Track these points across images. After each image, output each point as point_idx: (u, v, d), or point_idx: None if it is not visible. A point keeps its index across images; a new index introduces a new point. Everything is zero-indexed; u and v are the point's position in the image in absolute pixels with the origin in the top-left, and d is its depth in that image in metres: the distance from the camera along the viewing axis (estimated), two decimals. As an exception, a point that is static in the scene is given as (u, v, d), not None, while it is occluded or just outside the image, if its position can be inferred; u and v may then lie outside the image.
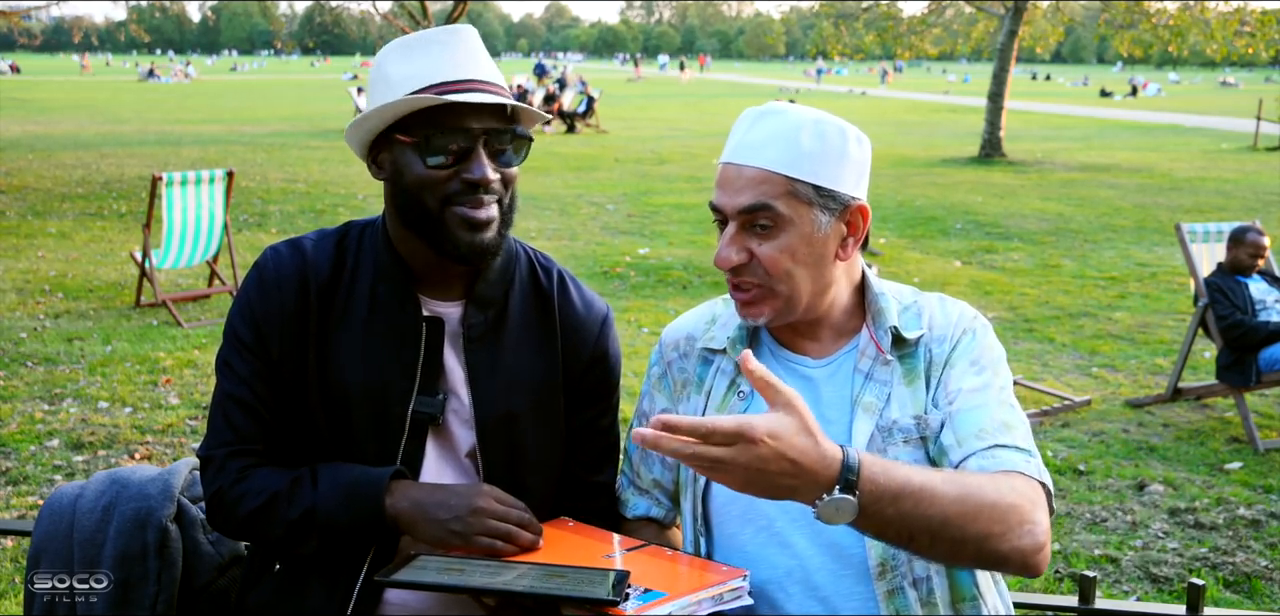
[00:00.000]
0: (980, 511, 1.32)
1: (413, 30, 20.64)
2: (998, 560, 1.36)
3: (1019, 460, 1.44)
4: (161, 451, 5.00)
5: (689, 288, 8.84)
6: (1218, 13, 21.03)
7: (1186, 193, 15.45)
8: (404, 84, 1.54)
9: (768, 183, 1.50)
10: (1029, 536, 1.36)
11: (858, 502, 1.24)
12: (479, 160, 1.53)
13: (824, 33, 27.44)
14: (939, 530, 1.30)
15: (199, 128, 25.34)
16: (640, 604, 1.31)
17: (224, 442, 1.59)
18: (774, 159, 1.50)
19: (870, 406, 1.53)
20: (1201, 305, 5.76)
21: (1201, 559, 4.07)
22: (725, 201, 1.53)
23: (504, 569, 1.43)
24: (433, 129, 1.52)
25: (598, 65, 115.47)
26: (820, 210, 1.52)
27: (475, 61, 1.57)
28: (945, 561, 1.43)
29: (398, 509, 1.54)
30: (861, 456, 1.25)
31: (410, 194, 1.55)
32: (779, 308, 1.54)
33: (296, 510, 1.54)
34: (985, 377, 1.53)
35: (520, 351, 1.68)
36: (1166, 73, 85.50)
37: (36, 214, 12.05)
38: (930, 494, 1.29)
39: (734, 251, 1.52)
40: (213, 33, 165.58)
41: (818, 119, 1.54)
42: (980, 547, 1.33)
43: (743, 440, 1.19)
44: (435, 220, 1.55)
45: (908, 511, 1.28)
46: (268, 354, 1.59)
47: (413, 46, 1.57)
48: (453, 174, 1.53)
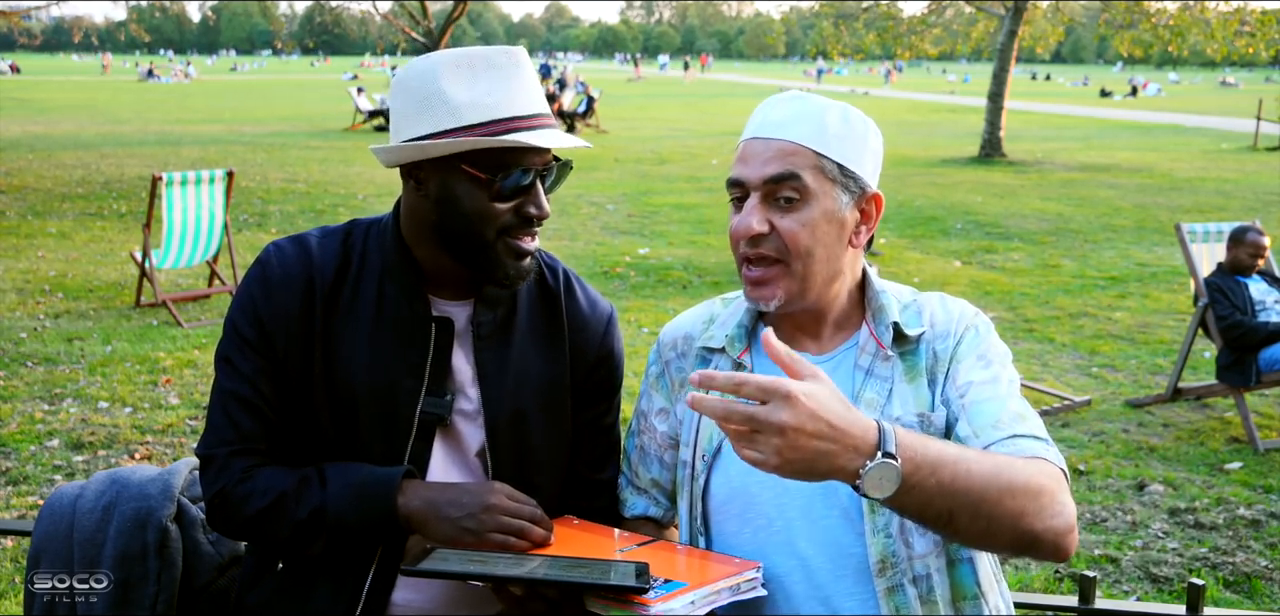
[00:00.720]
0: (1015, 488, 1.31)
1: (413, 31, 20.65)
2: (1031, 539, 1.34)
3: (1039, 448, 1.44)
4: (161, 451, 5.00)
5: (689, 287, 8.84)
6: (1218, 13, 21.04)
7: (1186, 193, 15.45)
8: (471, 111, 1.50)
9: (796, 154, 1.51)
10: (1061, 516, 1.35)
11: (901, 471, 1.21)
12: (537, 194, 1.55)
13: (824, 33, 27.45)
14: (978, 504, 1.28)
15: (199, 128, 25.34)
16: (663, 592, 1.32)
17: (226, 441, 1.57)
18: (802, 134, 1.52)
19: (872, 403, 1.53)
20: (1201, 305, 5.76)
21: (1201, 559, 4.07)
22: (749, 173, 1.53)
23: (523, 561, 1.44)
24: (501, 166, 1.52)
25: (599, 65, 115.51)
26: (842, 190, 1.53)
27: (536, 92, 1.57)
28: (980, 541, 1.38)
29: (409, 508, 1.53)
30: (896, 428, 1.23)
31: (464, 221, 1.54)
32: (792, 290, 1.53)
33: (305, 510, 1.53)
34: (994, 371, 1.53)
35: (528, 350, 1.68)
36: (1166, 73, 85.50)
37: (37, 214, 12.05)
38: (966, 467, 1.28)
39: (756, 220, 1.51)
40: (213, 33, 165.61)
41: (843, 105, 1.57)
42: (1016, 525, 1.32)
43: (777, 397, 1.16)
44: (486, 248, 1.55)
45: (947, 483, 1.26)
46: (272, 351, 1.57)
47: (474, 69, 1.53)
48: (512, 207, 1.54)
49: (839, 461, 1.19)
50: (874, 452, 1.20)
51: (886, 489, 1.21)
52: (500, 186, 1.52)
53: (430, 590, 1.63)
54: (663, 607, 1.29)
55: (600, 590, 1.34)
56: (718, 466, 1.60)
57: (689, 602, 1.32)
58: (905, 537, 1.48)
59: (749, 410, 1.17)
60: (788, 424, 1.16)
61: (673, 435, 1.69)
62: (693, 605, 1.33)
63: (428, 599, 1.63)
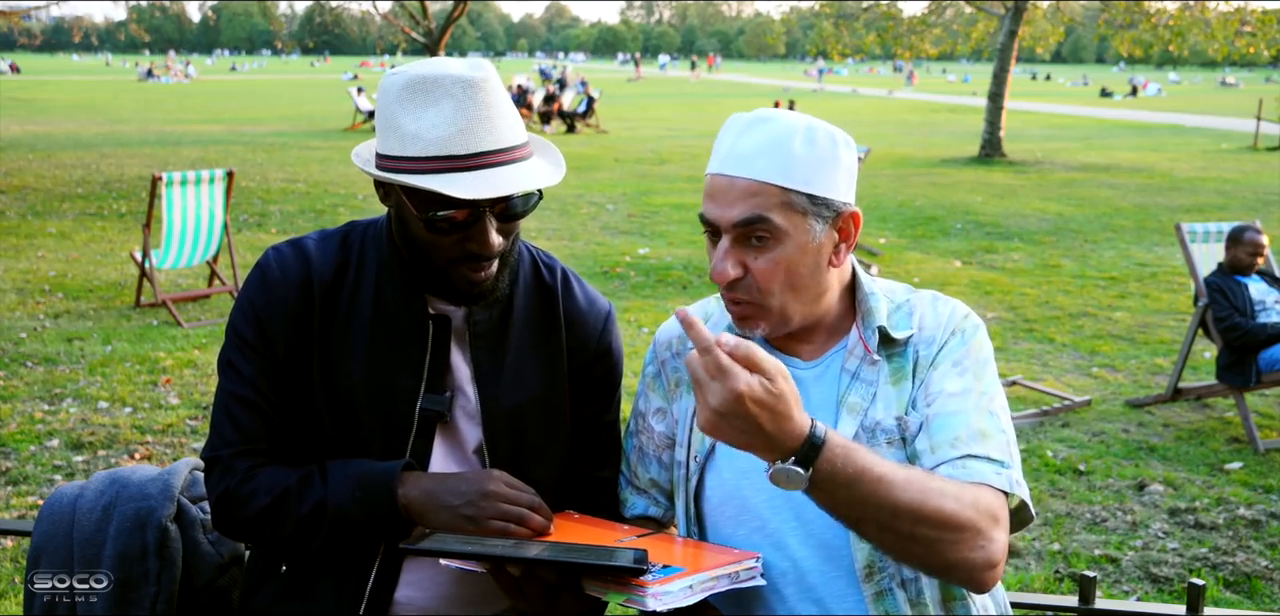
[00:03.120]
0: (933, 517, 1.32)
1: (413, 31, 20.66)
2: (943, 567, 1.36)
3: (989, 472, 1.42)
4: (161, 451, 5.00)
5: (689, 287, 8.84)
6: (1218, 12, 21.04)
7: (1186, 192, 15.45)
8: (414, 141, 1.46)
9: (762, 194, 1.47)
10: (981, 552, 1.36)
11: (810, 476, 1.25)
12: (484, 231, 1.51)
13: (824, 33, 27.43)
14: (887, 522, 1.31)
15: (199, 128, 25.35)
16: (660, 576, 1.32)
17: (229, 443, 1.58)
18: (766, 169, 1.47)
19: (855, 407, 1.52)
20: (1201, 305, 5.76)
21: (1202, 559, 4.07)
22: (718, 214, 1.50)
23: (524, 545, 1.45)
24: (439, 205, 1.48)
25: (600, 65, 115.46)
26: (815, 219, 1.50)
27: (490, 125, 1.48)
28: (892, 554, 1.41)
29: (409, 497, 1.54)
30: (829, 435, 1.26)
31: (414, 245, 1.55)
32: (773, 323, 1.53)
33: (307, 505, 1.54)
34: (966, 381, 1.50)
35: (526, 347, 1.68)
36: (1167, 73, 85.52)
37: (36, 214, 12.06)
38: (887, 487, 1.30)
39: (730, 265, 1.49)
40: (213, 33, 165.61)
41: (808, 125, 1.51)
42: (927, 550, 1.34)
43: (740, 359, 1.20)
44: (437, 272, 1.56)
45: (859, 497, 1.28)
46: (273, 353, 1.58)
47: (428, 96, 1.47)
48: (457, 241, 1.52)
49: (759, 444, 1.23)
50: (790, 455, 1.24)
51: (792, 486, 1.26)
52: (436, 224, 1.49)
53: (433, 588, 1.64)
54: (660, 590, 1.29)
55: (598, 571, 1.35)
56: (711, 468, 1.60)
57: (686, 586, 1.33)
58: None
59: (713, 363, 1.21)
60: (734, 388, 1.19)
61: (670, 435, 1.69)
62: (690, 590, 1.33)
63: (430, 598, 1.63)
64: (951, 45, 27.54)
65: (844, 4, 27.74)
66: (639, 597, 1.29)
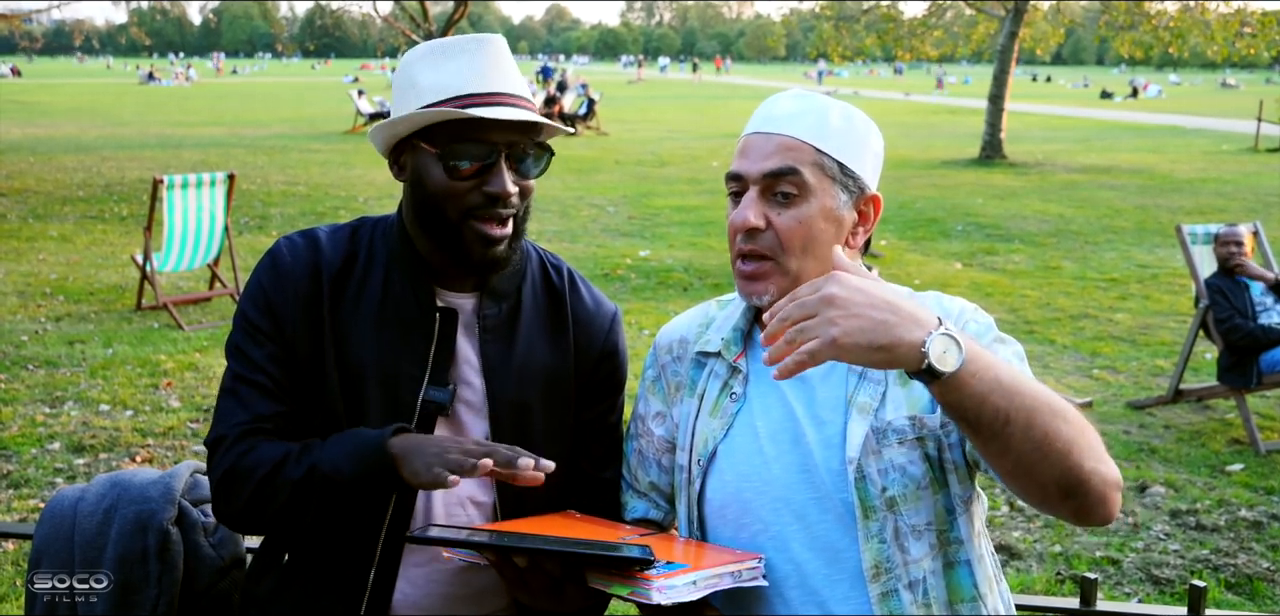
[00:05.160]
0: (1068, 416, 1.29)
1: (413, 33, 20.69)
2: (1079, 479, 1.29)
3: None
4: (163, 454, 5.00)
5: (690, 290, 8.84)
6: (1218, 14, 21.04)
7: (1187, 194, 15.45)
8: (431, 92, 1.55)
9: (796, 149, 1.52)
10: (1108, 465, 1.32)
11: (964, 351, 1.22)
12: (500, 173, 1.55)
13: (824, 35, 27.42)
14: (1032, 414, 1.25)
15: (200, 130, 25.37)
16: (665, 571, 1.33)
17: (235, 423, 1.57)
18: (804, 129, 1.53)
19: (865, 407, 1.51)
20: (1202, 307, 5.76)
21: (1203, 560, 4.07)
22: (749, 167, 1.53)
23: (528, 536, 1.45)
24: (456, 140, 1.53)
25: (601, 68, 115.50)
26: (841, 189, 1.54)
27: (501, 72, 1.57)
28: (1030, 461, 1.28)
29: (395, 448, 1.49)
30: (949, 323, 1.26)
31: (430, 201, 1.57)
32: (784, 287, 1.51)
33: (300, 469, 1.53)
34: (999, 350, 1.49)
35: (533, 343, 1.70)
36: (1167, 74, 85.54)
37: (38, 217, 12.07)
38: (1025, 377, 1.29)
39: (753, 213, 1.51)
40: (214, 35, 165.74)
41: (845, 105, 1.58)
42: (1067, 456, 1.27)
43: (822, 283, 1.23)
44: (453, 229, 1.57)
45: (1006, 382, 1.24)
46: (282, 336, 1.59)
47: (441, 53, 1.58)
48: (474, 186, 1.55)
49: (898, 331, 1.22)
50: (937, 324, 1.22)
51: (949, 363, 1.21)
52: (453, 161, 1.54)
53: (433, 587, 1.64)
54: (665, 583, 1.30)
55: (603, 562, 1.36)
56: (713, 471, 1.59)
57: (690, 581, 1.33)
58: (900, 543, 1.46)
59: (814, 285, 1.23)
60: (836, 295, 1.21)
61: (670, 439, 1.69)
62: (695, 585, 1.34)
63: (431, 597, 1.64)
64: (952, 47, 27.55)
65: (844, 6, 27.74)
66: (644, 590, 1.30)
